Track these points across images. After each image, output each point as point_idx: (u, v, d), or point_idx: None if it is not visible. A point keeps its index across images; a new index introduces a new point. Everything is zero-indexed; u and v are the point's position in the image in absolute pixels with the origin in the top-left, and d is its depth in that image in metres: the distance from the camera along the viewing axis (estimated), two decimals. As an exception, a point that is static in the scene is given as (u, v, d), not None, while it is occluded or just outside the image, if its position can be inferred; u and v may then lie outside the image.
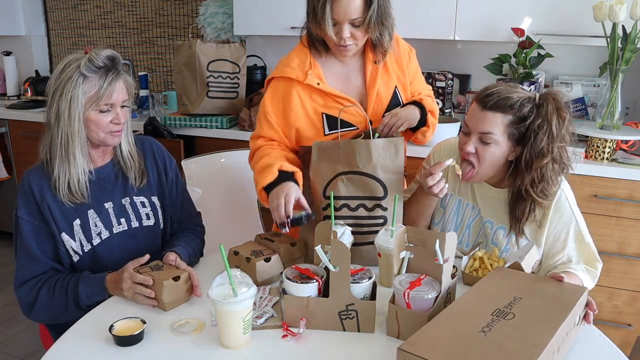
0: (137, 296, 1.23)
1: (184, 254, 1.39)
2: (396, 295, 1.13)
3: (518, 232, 1.40)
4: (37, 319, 1.37)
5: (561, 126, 1.29)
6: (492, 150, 1.34)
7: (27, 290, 1.32)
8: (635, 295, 2.24)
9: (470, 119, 1.37)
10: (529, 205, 1.36)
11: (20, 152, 3.34)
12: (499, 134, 1.32)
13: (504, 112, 1.30)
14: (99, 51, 1.32)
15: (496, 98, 1.31)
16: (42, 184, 1.34)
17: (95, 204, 1.39)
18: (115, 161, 1.45)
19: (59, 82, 1.30)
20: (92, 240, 1.38)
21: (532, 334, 0.94)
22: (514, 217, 1.40)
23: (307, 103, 1.53)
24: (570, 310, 1.02)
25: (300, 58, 1.55)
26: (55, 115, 1.31)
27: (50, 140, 1.33)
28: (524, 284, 1.15)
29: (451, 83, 2.64)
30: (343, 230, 1.35)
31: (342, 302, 1.12)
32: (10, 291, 2.90)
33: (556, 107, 1.29)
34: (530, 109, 1.30)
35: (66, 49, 3.82)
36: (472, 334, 0.94)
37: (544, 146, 1.29)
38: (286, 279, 1.15)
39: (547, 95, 1.31)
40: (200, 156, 2.19)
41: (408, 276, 1.17)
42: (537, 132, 1.29)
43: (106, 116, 1.34)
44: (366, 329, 1.14)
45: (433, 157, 1.60)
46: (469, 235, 1.50)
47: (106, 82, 1.31)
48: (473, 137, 1.35)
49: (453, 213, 1.53)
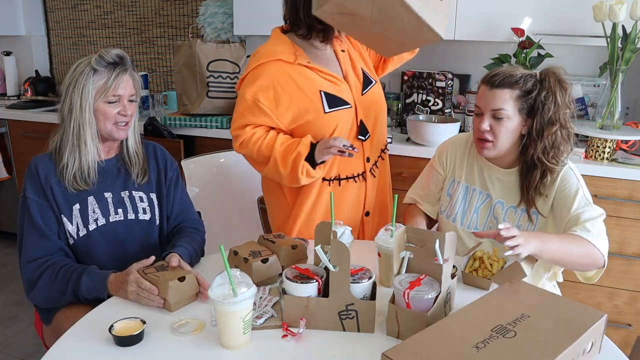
0: (142, 299, 1.23)
1: (185, 254, 1.40)
2: (396, 295, 1.13)
3: (529, 202, 1.46)
4: (35, 300, 1.42)
5: (564, 95, 1.40)
6: (506, 125, 1.42)
7: (33, 268, 1.37)
8: (635, 295, 2.24)
9: (480, 100, 1.46)
10: (540, 173, 1.43)
11: (20, 152, 3.33)
12: (510, 109, 1.41)
13: (511, 88, 1.40)
14: (109, 49, 1.44)
15: (502, 76, 1.41)
16: (48, 168, 1.42)
17: (96, 192, 1.45)
18: (120, 157, 1.52)
19: (72, 77, 1.41)
20: (89, 226, 1.43)
21: (527, 357, 0.89)
22: (525, 187, 1.46)
23: (302, 83, 1.54)
24: (580, 336, 0.96)
25: (282, 45, 1.57)
26: (68, 107, 1.41)
27: (63, 132, 1.43)
28: (536, 301, 1.09)
29: (451, 83, 2.63)
30: (343, 230, 1.35)
31: (342, 302, 1.12)
32: (10, 291, 2.90)
33: (558, 80, 1.40)
34: (533, 83, 1.41)
35: (66, 49, 3.82)
36: (463, 349, 0.91)
37: (552, 115, 1.39)
38: (286, 279, 1.15)
39: (548, 70, 1.42)
40: (200, 156, 2.19)
41: (408, 276, 1.16)
42: (545, 103, 1.39)
43: (114, 107, 1.43)
44: (366, 329, 1.13)
45: (440, 157, 1.65)
46: (477, 219, 1.55)
47: (114, 74, 1.41)
48: (486, 115, 1.44)
49: (460, 199, 1.57)
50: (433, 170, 1.66)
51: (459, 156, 1.61)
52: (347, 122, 1.61)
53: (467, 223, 1.56)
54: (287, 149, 1.54)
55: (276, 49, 1.55)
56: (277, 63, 1.53)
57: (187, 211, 1.63)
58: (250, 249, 1.38)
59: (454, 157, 1.61)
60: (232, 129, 1.60)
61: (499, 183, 1.52)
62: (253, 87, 1.54)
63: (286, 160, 1.53)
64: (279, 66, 1.53)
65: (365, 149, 1.66)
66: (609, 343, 1.12)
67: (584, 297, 2.28)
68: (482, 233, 1.31)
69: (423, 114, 2.62)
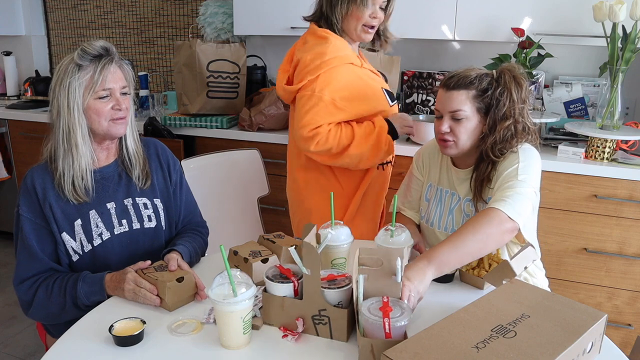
0: (138, 297, 1.22)
1: (185, 252, 1.39)
2: (369, 327, 0.99)
3: (477, 195, 1.46)
4: (35, 317, 1.38)
5: (520, 91, 1.41)
6: (465, 125, 1.43)
7: (26, 288, 1.32)
8: (635, 295, 2.24)
9: (439, 103, 1.48)
10: (486, 165, 1.44)
11: (20, 152, 3.34)
12: (468, 109, 1.42)
13: (466, 89, 1.42)
14: (93, 42, 1.35)
15: (457, 78, 1.43)
16: (45, 181, 1.34)
17: (97, 204, 1.38)
18: (119, 160, 1.45)
19: (57, 78, 1.32)
20: (93, 241, 1.37)
21: (527, 357, 0.88)
22: (474, 180, 1.47)
23: (369, 83, 1.73)
24: (580, 336, 0.95)
25: (342, 45, 1.69)
26: (56, 109, 1.33)
27: (54, 137, 1.34)
28: (536, 301, 1.08)
29: (451, 83, 2.64)
30: (335, 231, 1.32)
31: (315, 306, 1.10)
32: (10, 291, 2.90)
33: (513, 76, 1.41)
34: (489, 82, 1.42)
35: (66, 49, 3.82)
36: (464, 348, 0.91)
37: (507, 110, 1.40)
38: (265, 277, 1.15)
39: (503, 68, 1.44)
40: (200, 156, 2.19)
41: (371, 301, 1.04)
42: (499, 99, 1.40)
43: (106, 103, 1.34)
44: (339, 337, 1.10)
45: (417, 162, 1.70)
46: (452, 221, 1.55)
47: (99, 67, 1.32)
48: (445, 117, 1.45)
49: (436, 203, 1.60)
50: (412, 176, 1.69)
51: (433, 160, 1.63)
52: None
53: (444, 225, 1.56)
54: (367, 129, 1.69)
55: (347, 54, 1.69)
56: (348, 66, 1.68)
57: (192, 213, 1.61)
58: (250, 249, 1.38)
59: (429, 161, 1.64)
60: (307, 130, 1.63)
61: (463, 182, 1.53)
62: (330, 88, 1.64)
63: (369, 138, 1.68)
64: (350, 69, 1.68)
65: None
66: (609, 343, 1.12)
67: (584, 297, 2.28)
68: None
69: (423, 114, 2.62)
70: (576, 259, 2.26)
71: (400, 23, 1.64)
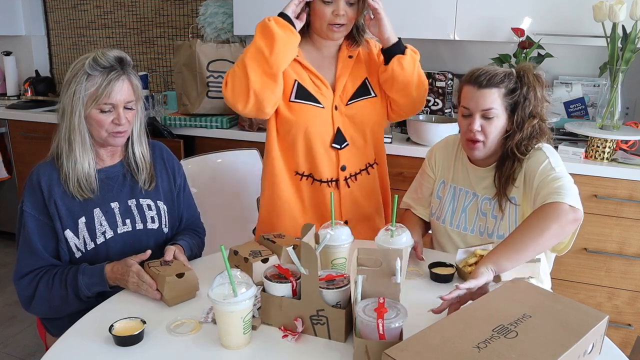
0: (141, 290, 1.25)
1: (185, 246, 1.42)
2: (364, 327, 0.99)
3: (501, 193, 1.46)
4: (36, 312, 1.38)
5: (543, 90, 1.45)
6: (496, 124, 1.44)
7: (26, 283, 1.33)
8: (635, 295, 2.24)
9: (469, 101, 1.46)
10: (511, 163, 1.45)
11: (20, 152, 3.33)
12: (499, 107, 1.43)
13: (497, 87, 1.43)
14: (107, 51, 1.35)
15: (487, 76, 1.43)
16: (51, 178, 1.35)
17: (102, 203, 1.40)
18: (125, 162, 1.46)
19: (67, 79, 1.34)
20: (96, 239, 1.38)
21: (528, 357, 0.88)
22: (498, 178, 1.48)
23: (290, 69, 1.59)
24: (581, 337, 0.95)
25: None
26: (61, 110, 1.35)
27: (59, 135, 1.37)
28: (538, 301, 1.07)
29: (451, 83, 2.64)
30: (335, 231, 1.32)
31: (313, 306, 1.09)
32: (10, 291, 2.90)
33: (535, 75, 1.45)
34: (514, 81, 1.44)
35: (66, 49, 3.82)
36: (465, 348, 0.90)
37: (533, 108, 1.43)
38: (264, 277, 1.15)
39: (523, 67, 1.46)
40: (200, 156, 2.19)
41: (367, 302, 1.04)
42: (526, 97, 1.43)
43: (108, 116, 1.35)
44: (337, 337, 1.10)
45: (429, 160, 1.68)
46: (465, 219, 1.55)
47: (105, 81, 1.32)
48: (476, 116, 1.45)
49: (449, 200, 1.59)
50: (424, 174, 1.69)
51: (446, 158, 1.63)
52: (319, 124, 1.61)
53: (456, 223, 1.57)
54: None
55: None
56: None
57: (193, 217, 1.63)
58: (250, 249, 1.38)
59: (442, 159, 1.64)
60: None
61: (483, 181, 1.53)
62: None
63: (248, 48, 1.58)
64: None
65: (341, 158, 1.65)
66: (609, 343, 1.12)
67: (584, 297, 2.28)
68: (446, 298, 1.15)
69: (423, 114, 2.62)
70: (576, 259, 2.26)
71: (400, 23, 1.63)
